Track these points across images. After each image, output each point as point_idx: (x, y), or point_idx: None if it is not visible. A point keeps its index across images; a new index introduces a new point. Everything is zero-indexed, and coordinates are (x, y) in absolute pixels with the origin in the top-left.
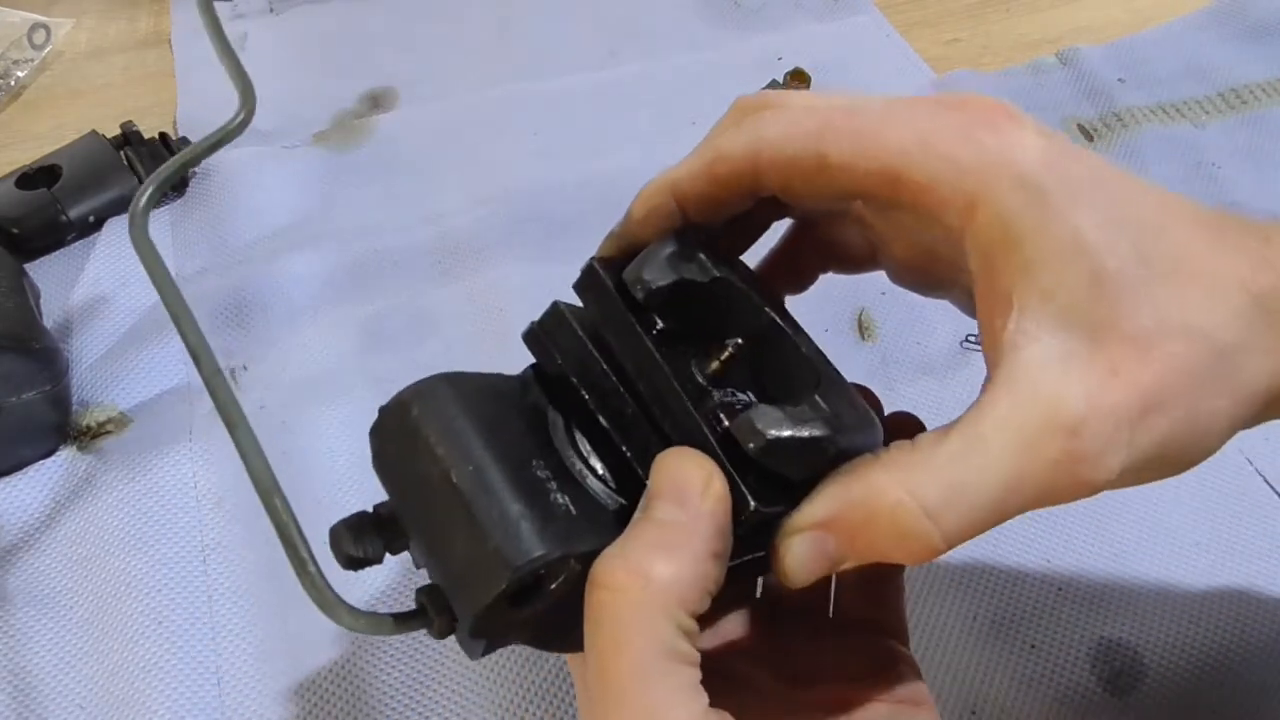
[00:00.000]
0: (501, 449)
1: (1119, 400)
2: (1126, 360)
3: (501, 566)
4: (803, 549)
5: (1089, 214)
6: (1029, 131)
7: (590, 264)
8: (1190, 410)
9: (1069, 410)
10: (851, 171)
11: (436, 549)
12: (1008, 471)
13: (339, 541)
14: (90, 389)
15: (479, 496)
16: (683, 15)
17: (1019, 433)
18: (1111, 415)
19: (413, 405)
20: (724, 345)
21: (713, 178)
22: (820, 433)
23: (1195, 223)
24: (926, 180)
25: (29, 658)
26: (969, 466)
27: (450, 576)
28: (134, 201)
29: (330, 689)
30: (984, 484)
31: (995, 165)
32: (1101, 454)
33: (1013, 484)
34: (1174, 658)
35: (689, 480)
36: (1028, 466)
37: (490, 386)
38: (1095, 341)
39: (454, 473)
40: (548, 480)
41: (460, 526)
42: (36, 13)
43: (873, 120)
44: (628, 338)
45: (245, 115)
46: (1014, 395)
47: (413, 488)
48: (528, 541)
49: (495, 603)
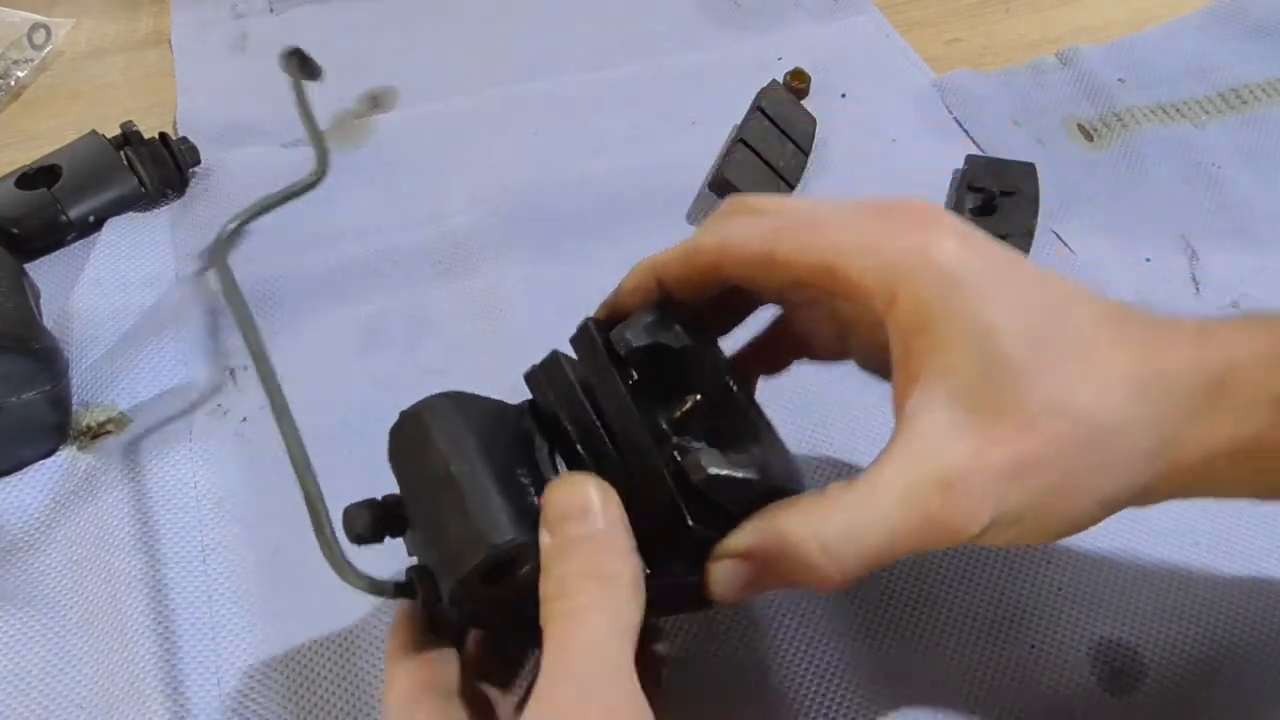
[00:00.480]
0: (493, 456)
1: (989, 464)
2: (1004, 431)
3: (482, 543)
4: (726, 572)
5: (992, 305)
6: (946, 231)
7: (585, 322)
8: (1061, 478)
9: (946, 470)
10: (795, 266)
11: (431, 528)
12: (893, 520)
13: (351, 520)
14: (90, 389)
15: (470, 488)
16: (682, 15)
17: (904, 488)
18: (981, 476)
19: (425, 413)
20: (685, 399)
21: (689, 265)
22: (751, 475)
23: (1093, 314)
24: (856, 274)
25: (29, 658)
26: (862, 514)
27: (439, 551)
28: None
29: (330, 689)
30: (873, 529)
31: (914, 261)
32: (971, 509)
33: (897, 531)
34: (1174, 658)
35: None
36: (909, 516)
37: (491, 409)
38: (979, 414)
39: (453, 467)
40: (528, 486)
41: (453, 510)
42: (36, 13)
43: (816, 223)
44: (608, 385)
45: (320, 174)
46: (904, 456)
47: (418, 477)
48: (504, 527)
49: (472, 573)
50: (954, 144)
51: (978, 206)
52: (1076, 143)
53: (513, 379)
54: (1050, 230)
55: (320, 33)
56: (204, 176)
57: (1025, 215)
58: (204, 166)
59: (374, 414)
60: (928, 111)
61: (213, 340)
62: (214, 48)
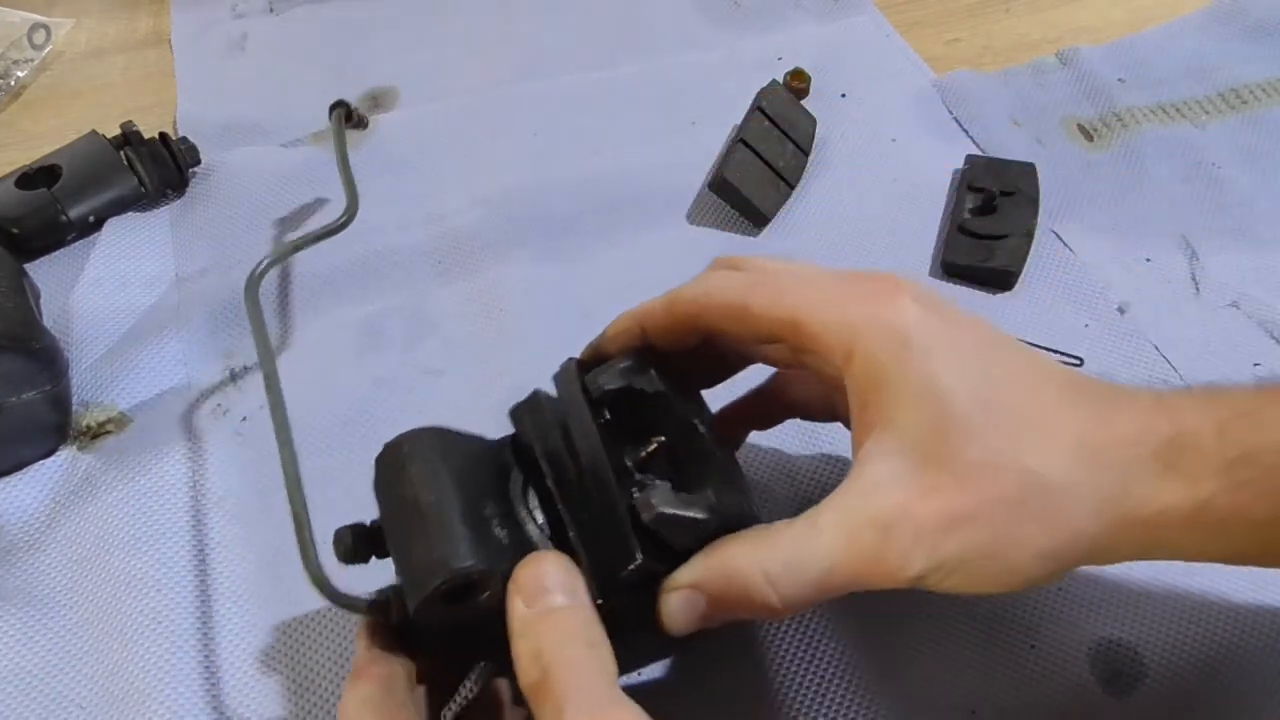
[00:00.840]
0: (462, 488)
1: (926, 513)
2: (944, 484)
3: (440, 568)
4: (676, 603)
5: (945, 367)
6: (905, 297)
7: (568, 362)
8: (999, 532)
9: (884, 515)
10: (765, 319)
11: (401, 551)
12: (834, 555)
13: (340, 541)
14: (90, 389)
15: (436, 517)
16: (682, 15)
17: (845, 527)
18: (916, 524)
19: (405, 445)
20: (651, 441)
21: (669, 313)
22: (701, 515)
23: (1049, 381)
24: (819, 329)
25: (29, 658)
26: (804, 547)
27: (406, 574)
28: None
29: (330, 689)
30: (813, 562)
31: (870, 323)
32: (905, 553)
33: (837, 565)
34: (1174, 658)
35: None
36: (848, 552)
37: (469, 444)
38: (923, 467)
39: (422, 497)
40: (492, 517)
41: (420, 536)
42: (36, 13)
43: (788, 282)
44: (581, 423)
45: (349, 217)
46: (848, 499)
47: (394, 505)
48: (464, 554)
49: (431, 596)
50: (954, 144)
51: (978, 206)
52: (1076, 143)
53: (512, 379)
54: (1050, 230)
55: (320, 33)
56: (204, 176)
57: (1025, 215)
58: (204, 166)
59: (374, 414)
60: (928, 111)
61: (213, 340)
62: (214, 48)
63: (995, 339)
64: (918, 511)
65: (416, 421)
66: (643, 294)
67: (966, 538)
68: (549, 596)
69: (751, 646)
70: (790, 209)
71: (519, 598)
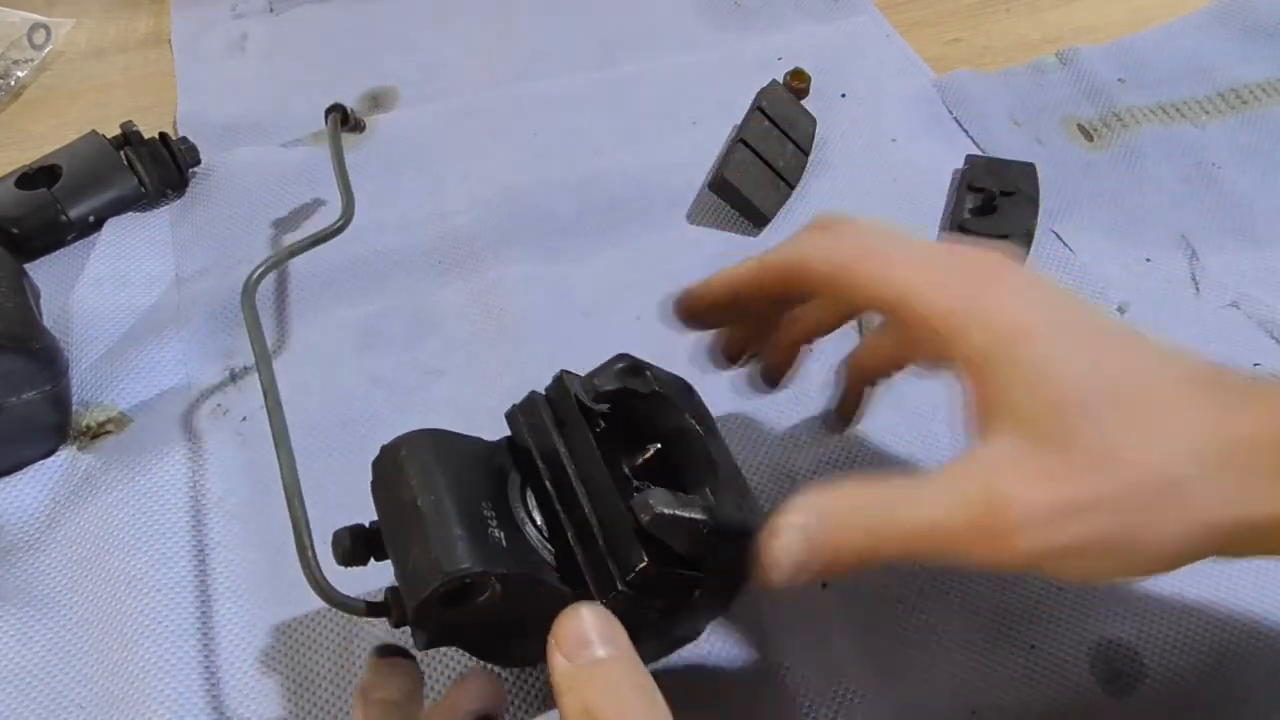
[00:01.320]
0: (460, 490)
1: (1040, 498)
2: (1062, 471)
3: (437, 571)
4: (785, 543)
5: (1059, 354)
6: (1018, 281)
7: (560, 374)
8: (1121, 523)
9: (997, 491)
10: (868, 293)
11: (399, 555)
12: (935, 516)
13: (338, 544)
14: (90, 389)
15: (433, 519)
16: (682, 15)
17: (954, 492)
18: (1028, 506)
19: (402, 448)
20: (647, 448)
21: (766, 268)
22: (698, 516)
23: (1176, 371)
24: (925, 313)
25: (29, 658)
26: (910, 502)
27: (404, 577)
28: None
29: (330, 689)
30: (916, 518)
31: (981, 310)
32: (1014, 532)
33: (939, 527)
34: (1174, 658)
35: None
36: (950, 517)
37: (467, 445)
38: (1040, 451)
39: (419, 499)
40: (490, 519)
41: (417, 539)
42: (36, 13)
43: (897, 255)
44: (577, 432)
45: (345, 221)
46: (962, 466)
47: (391, 507)
48: (460, 556)
49: (429, 598)
50: (954, 144)
51: (978, 206)
52: (1076, 143)
53: (512, 379)
54: (1050, 230)
55: (320, 33)
56: (204, 176)
57: (1025, 215)
58: (204, 166)
59: (373, 415)
60: (928, 111)
61: (212, 340)
62: (214, 48)
63: (1106, 324)
64: (1031, 496)
65: (416, 422)
66: (643, 294)
67: (1085, 527)
68: (591, 649)
69: (752, 647)
70: (790, 209)
71: (559, 653)
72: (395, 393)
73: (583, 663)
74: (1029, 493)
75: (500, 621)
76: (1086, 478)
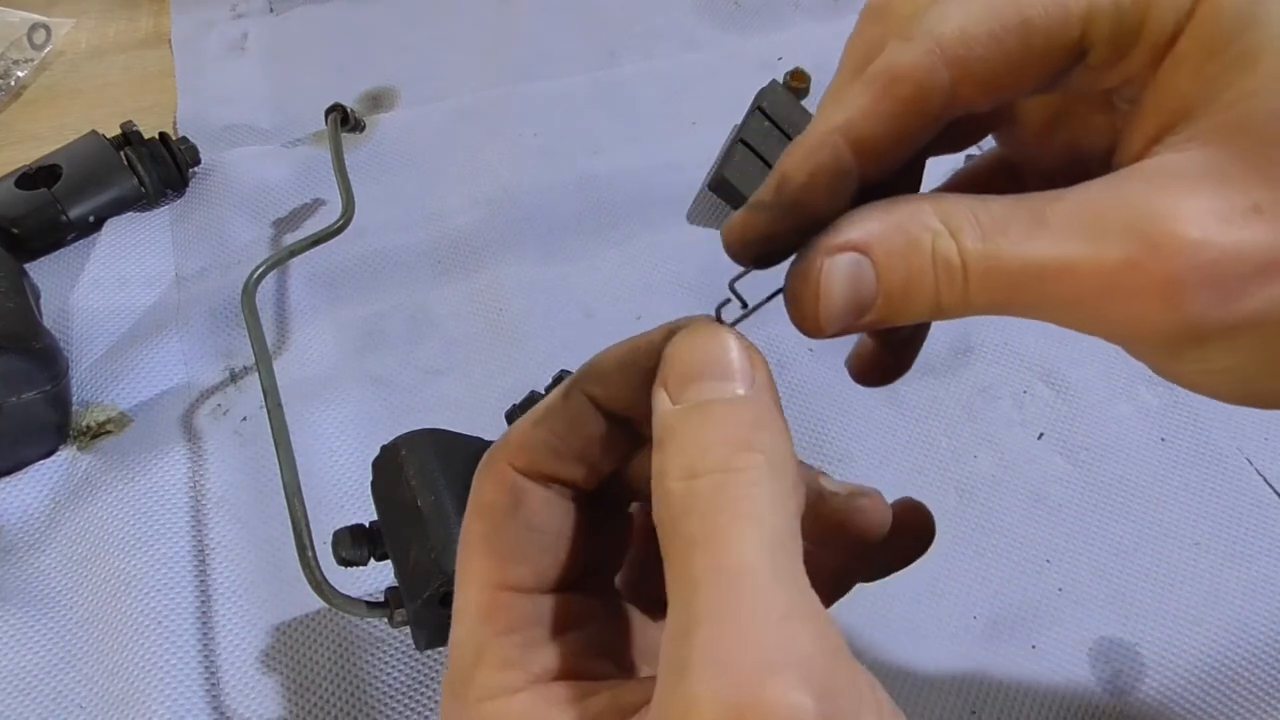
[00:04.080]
0: (460, 490)
1: (1234, 237)
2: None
3: (438, 571)
4: (839, 270)
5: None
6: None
7: (559, 374)
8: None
9: (1163, 219)
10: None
11: (399, 555)
12: (1060, 252)
13: (338, 544)
14: (90, 389)
15: (433, 519)
16: (682, 15)
17: (1089, 224)
18: (1218, 249)
19: (402, 448)
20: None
21: (896, 104)
22: None
23: None
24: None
25: (29, 658)
26: (1019, 225)
27: (404, 577)
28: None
29: (330, 689)
30: (1029, 253)
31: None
32: (1178, 285)
33: (1062, 263)
34: (1174, 658)
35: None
36: (1081, 256)
37: (467, 444)
38: (1251, 167)
39: (419, 499)
40: None
41: (417, 539)
42: (36, 13)
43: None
44: None
45: (345, 221)
46: (1113, 188)
47: (391, 507)
48: None
49: (429, 598)
50: None
51: None
52: None
53: (512, 378)
54: None
55: (320, 33)
56: (204, 176)
57: None
58: (204, 166)
59: (374, 414)
60: None
61: (212, 340)
62: (214, 48)
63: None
64: (1222, 232)
65: (416, 422)
66: (643, 294)
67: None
68: (711, 384)
69: None
70: None
71: (663, 389)
72: (395, 393)
73: (693, 403)
74: (1217, 231)
75: None
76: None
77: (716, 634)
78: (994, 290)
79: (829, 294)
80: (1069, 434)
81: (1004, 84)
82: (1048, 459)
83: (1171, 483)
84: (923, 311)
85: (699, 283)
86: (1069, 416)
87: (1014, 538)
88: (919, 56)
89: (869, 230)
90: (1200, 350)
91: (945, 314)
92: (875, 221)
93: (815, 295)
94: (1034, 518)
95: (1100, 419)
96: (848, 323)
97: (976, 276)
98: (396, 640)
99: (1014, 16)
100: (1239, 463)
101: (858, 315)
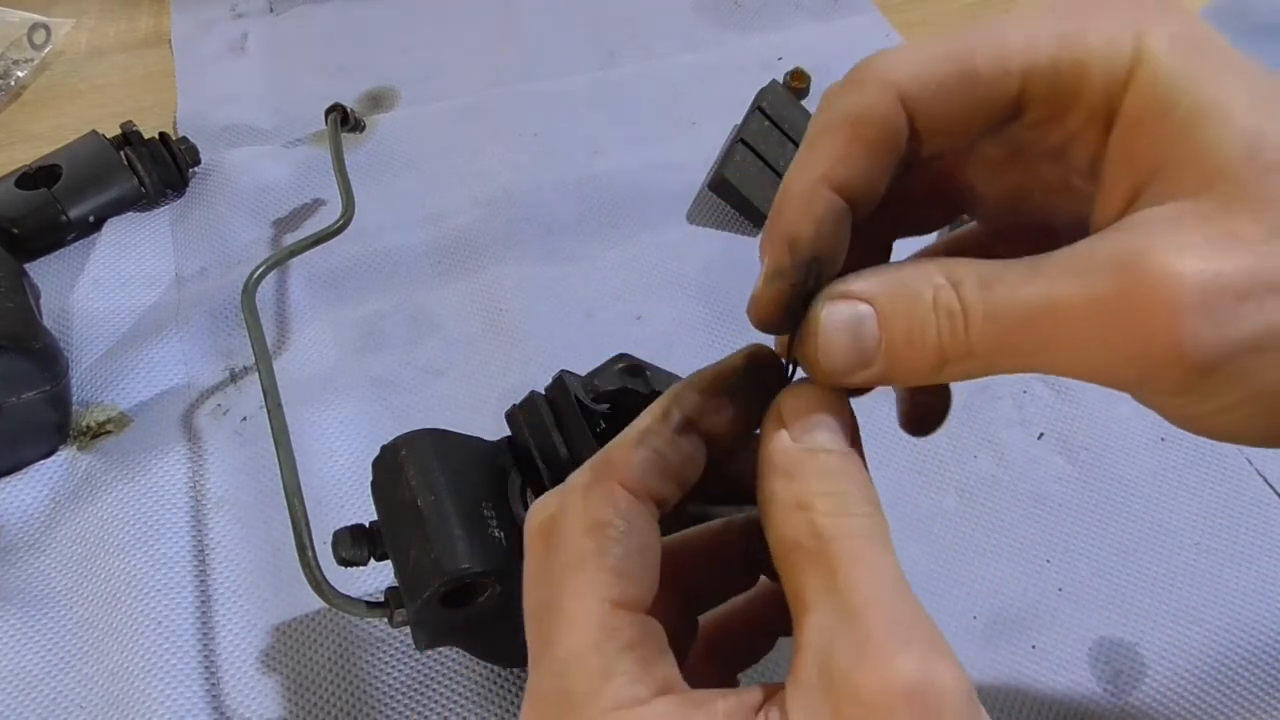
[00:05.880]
0: (460, 490)
1: (1215, 266)
2: (1257, 232)
3: (438, 571)
4: (838, 319)
5: (1245, 85)
6: (1171, 10)
7: (560, 374)
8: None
9: (1151, 254)
10: (1003, 75)
11: (399, 555)
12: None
13: (338, 544)
14: (90, 389)
15: (433, 519)
16: (682, 15)
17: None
18: (1201, 277)
19: (402, 448)
20: None
21: (865, 146)
22: (695, 510)
23: None
24: (1083, 56)
25: (29, 658)
26: (1016, 273)
27: (404, 577)
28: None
29: (330, 689)
30: (1023, 296)
31: (1149, 36)
32: (1167, 311)
33: (1060, 304)
34: (1174, 658)
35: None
36: (1073, 292)
37: (467, 445)
38: (1231, 211)
39: (420, 499)
40: (490, 519)
41: (417, 539)
42: (36, 13)
43: (1006, 26)
44: (577, 429)
45: (345, 221)
46: (1101, 237)
47: (391, 507)
48: (460, 556)
49: (430, 599)
50: None
51: None
52: None
53: (512, 378)
54: None
55: (320, 33)
56: (204, 176)
57: None
58: (204, 166)
59: (374, 414)
60: None
61: (212, 340)
62: (214, 48)
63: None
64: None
65: (416, 422)
66: (643, 294)
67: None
68: (820, 435)
69: None
70: None
71: (782, 428)
72: (395, 393)
73: (809, 446)
74: (1200, 259)
75: (501, 622)
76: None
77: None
78: (996, 335)
79: (828, 339)
80: (1069, 434)
81: (955, 128)
82: (1048, 459)
83: (1171, 483)
84: (928, 361)
85: (699, 283)
86: (1069, 416)
87: (1014, 538)
88: (876, 99)
89: (871, 283)
90: (1207, 383)
91: (950, 365)
92: (878, 276)
93: (815, 339)
94: (1034, 518)
95: (1100, 419)
96: (851, 368)
97: (977, 321)
98: (396, 640)
99: (958, 67)
100: (1239, 463)
101: (861, 363)
